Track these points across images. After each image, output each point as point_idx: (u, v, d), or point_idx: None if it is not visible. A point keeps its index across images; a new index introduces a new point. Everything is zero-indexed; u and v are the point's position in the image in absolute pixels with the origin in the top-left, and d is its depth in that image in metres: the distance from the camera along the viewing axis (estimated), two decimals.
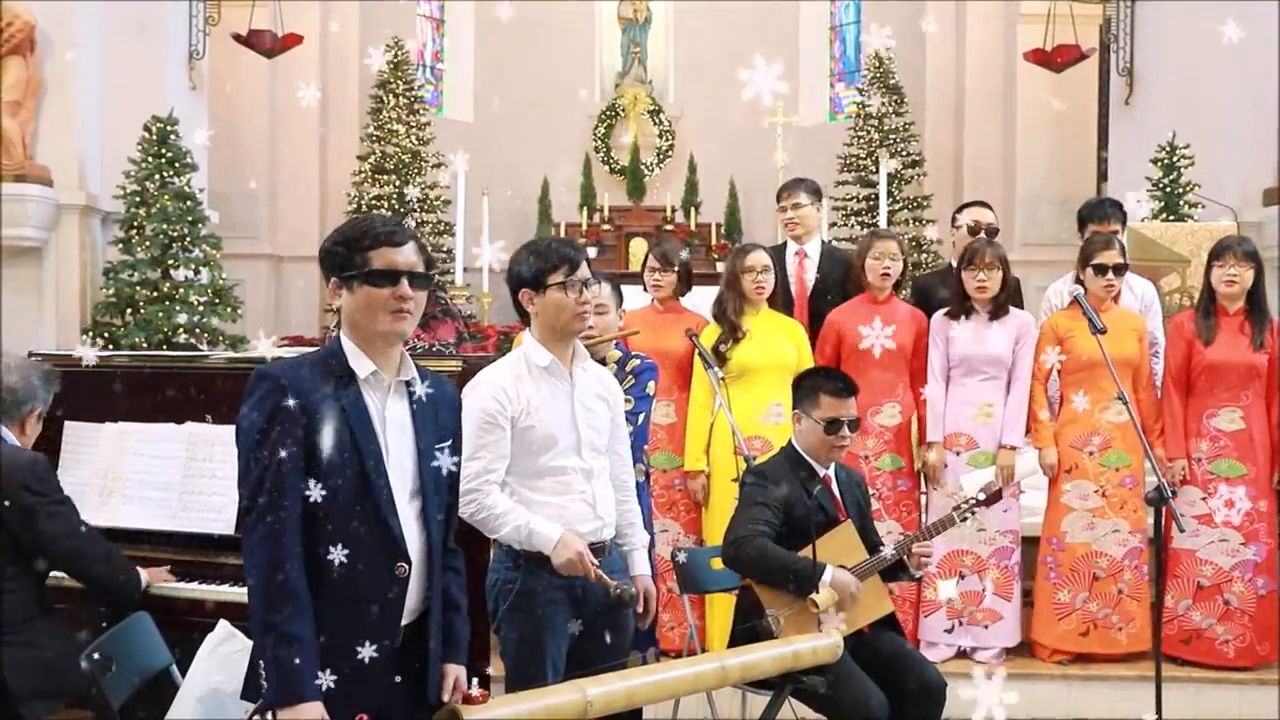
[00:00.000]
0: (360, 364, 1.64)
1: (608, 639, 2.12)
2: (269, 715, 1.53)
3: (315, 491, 1.58)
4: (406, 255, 1.64)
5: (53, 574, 2.41)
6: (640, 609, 2.22)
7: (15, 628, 2.29)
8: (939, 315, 3.41)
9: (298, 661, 1.51)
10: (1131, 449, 3.34)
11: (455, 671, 1.74)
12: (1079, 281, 3.36)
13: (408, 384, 1.69)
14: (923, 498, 3.49)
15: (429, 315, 3.18)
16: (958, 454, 3.35)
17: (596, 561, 2.01)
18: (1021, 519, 3.48)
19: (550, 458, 2.06)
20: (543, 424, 2.06)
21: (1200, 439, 3.33)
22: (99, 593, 2.40)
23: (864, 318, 3.39)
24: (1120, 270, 3.32)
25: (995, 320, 3.33)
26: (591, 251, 8.17)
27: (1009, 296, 3.35)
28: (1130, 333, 3.31)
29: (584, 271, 2.07)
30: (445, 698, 1.71)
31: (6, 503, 2.27)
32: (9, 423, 2.42)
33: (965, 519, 2.51)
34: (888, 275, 3.35)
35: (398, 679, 1.65)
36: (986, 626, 3.39)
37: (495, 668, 2.27)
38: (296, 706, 1.50)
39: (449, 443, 1.73)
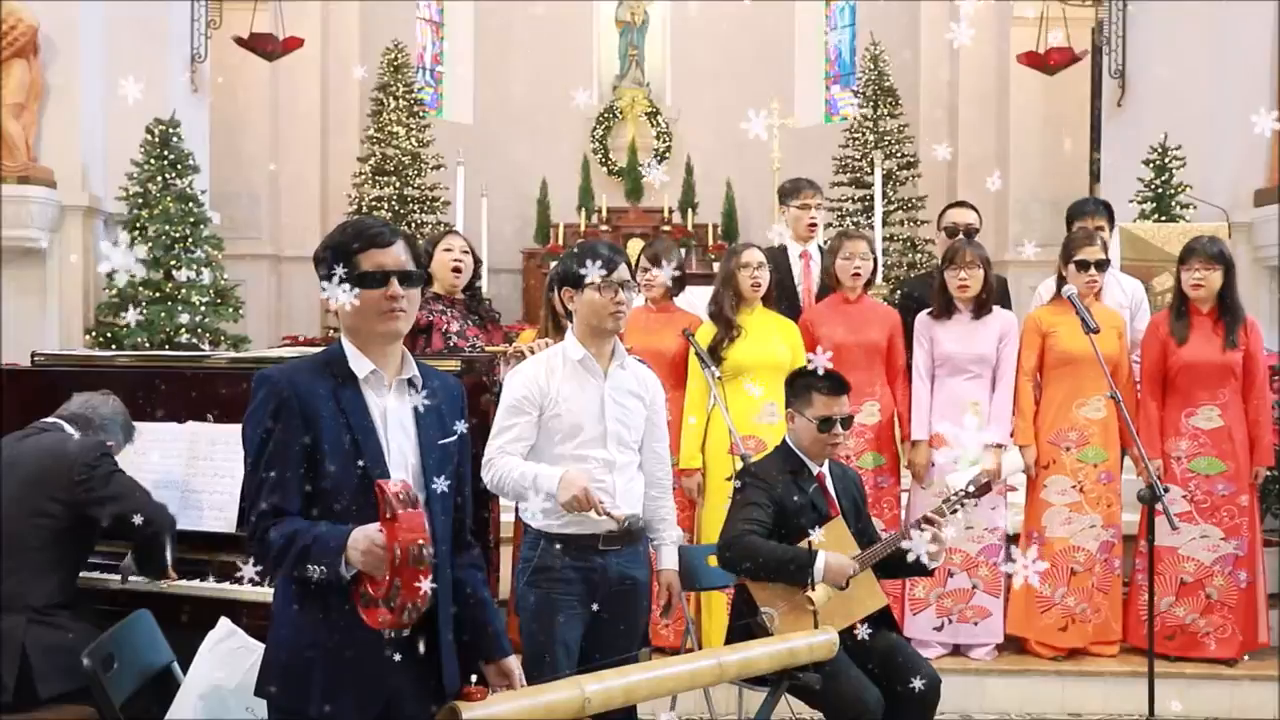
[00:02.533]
0: (360, 364, 1.67)
1: (621, 623, 2.20)
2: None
3: (316, 490, 1.61)
4: (395, 255, 1.66)
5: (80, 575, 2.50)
6: (663, 602, 2.32)
7: (44, 609, 2.37)
8: (923, 315, 3.44)
9: (321, 535, 1.53)
10: (1108, 445, 3.38)
11: (505, 667, 1.77)
12: (1061, 278, 3.40)
13: (409, 382, 1.72)
14: (903, 495, 3.52)
15: (486, 319, 3.28)
16: (943, 452, 3.38)
17: (601, 500, 2.07)
18: (1009, 516, 3.52)
19: (574, 446, 2.17)
20: (569, 414, 2.18)
21: (1180, 438, 3.38)
22: (151, 544, 2.47)
23: (837, 317, 3.42)
24: (1102, 266, 3.35)
25: (978, 319, 3.36)
26: None
27: (991, 295, 3.38)
28: (1111, 330, 3.34)
29: (621, 273, 2.19)
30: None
31: (68, 478, 2.40)
32: (81, 438, 2.54)
33: (955, 511, 2.53)
34: (858, 275, 3.38)
35: (407, 669, 1.67)
36: (976, 624, 3.42)
37: None
38: (351, 541, 1.49)
39: (454, 437, 1.76)
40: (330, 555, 1.53)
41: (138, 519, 2.41)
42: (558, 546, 2.17)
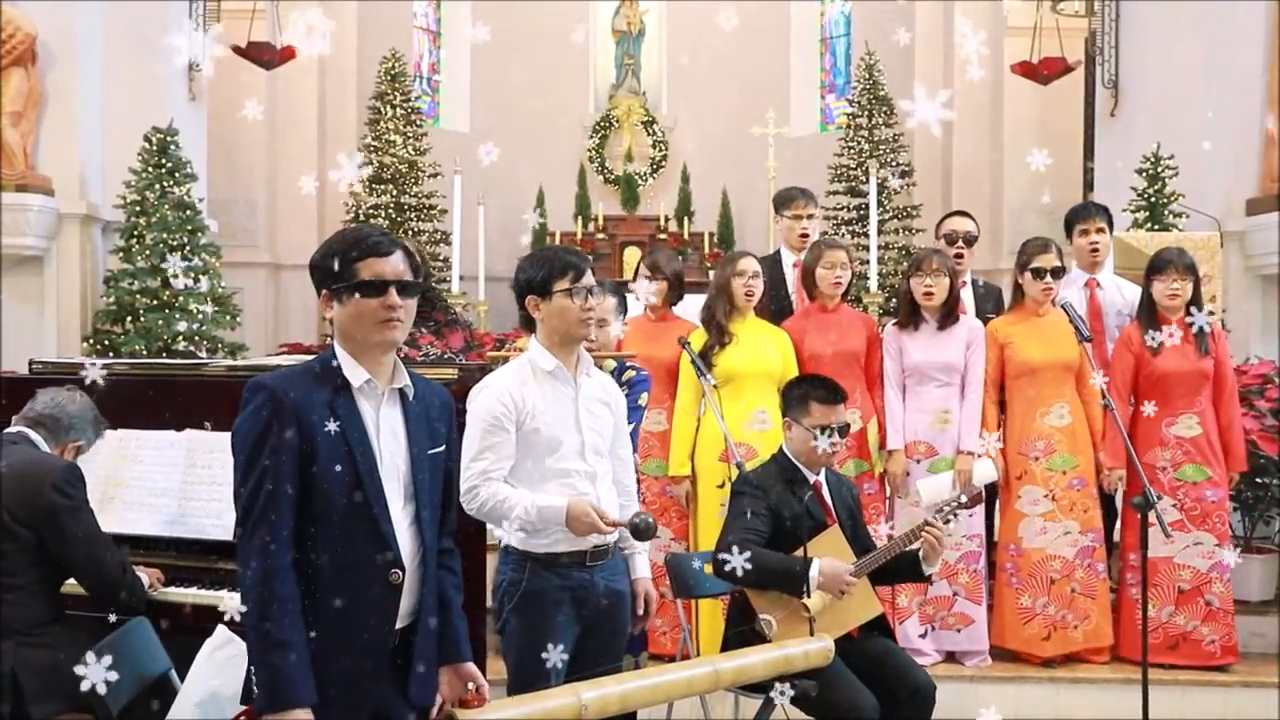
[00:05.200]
0: (354, 373, 1.66)
1: (608, 639, 2.18)
2: None
3: (309, 498, 1.61)
4: (394, 264, 1.66)
5: (68, 581, 2.46)
6: (640, 612, 2.27)
7: (31, 630, 2.34)
8: (890, 326, 3.48)
9: (288, 668, 1.54)
10: (1076, 450, 3.40)
11: (464, 672, 1.75)
12: (1017, 286, 3.43)
13: (401, 391, 1.72)
14: (888, 502, 3.53)
15: (441, 323, 3.24)
16: (918, 461, 3.40)
17: (606, 513, 2.06)
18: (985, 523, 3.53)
19: (555, 460, 2.12)
20: (547, 427, 2.12)
21: (1163, 447, 3.39)
22: (105, 598, 2.44)
23: (816, 326, 3.44)
24: (1058, 274, 3.37)
25: (945, 329, 3.39)
26: None
27: (957, 304, 3.39)
28: (1070, 338, 3.33)
29: (589, 279, 2.14)
30: (452, 696, 1.73)
31: (35, 504, 2.34)
32: (51, 443, 2.50)
33: (948, 521, 2.55)
34: (839, 284, 3.41)
35: (392, 681, 1.68)
36: (959, 630, 3.44)
37: (492, 671, 2.30)
38: (286, 713, 1.52)
39: (443, 448, 1.76)
40: (270, 689, 1.52)
41: (92, 572, 2.38)
42: (544, 567, 2.11)
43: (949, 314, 3.38)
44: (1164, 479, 3.38)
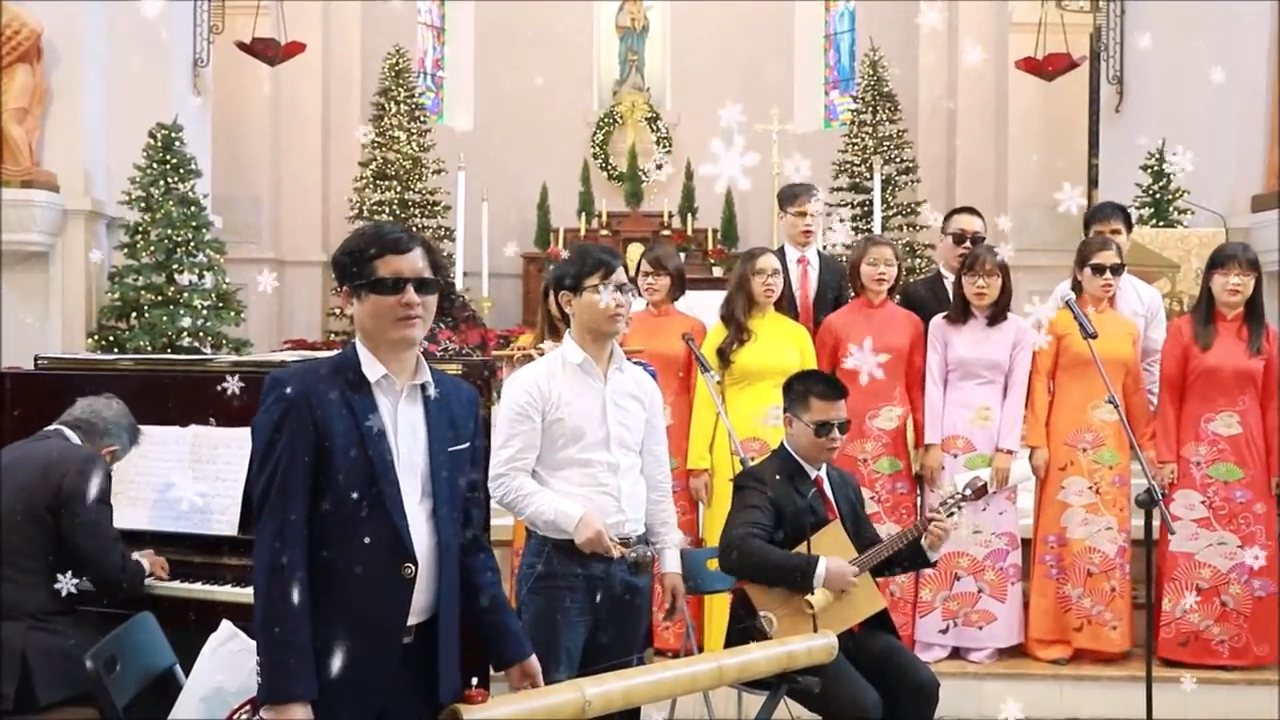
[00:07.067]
0: (372, 369, 1.67)
1: (623, 630, 2.21)
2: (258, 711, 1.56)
3: (325, 492, 1.61)
4: (412, 262, 1.66)
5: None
6: (668, 605, 2.34)
7: (44, 616, 2.38)
8: (938, 319, 3.45)
9: (291, 662, 1.55)
10: (1121, 448, 3.38)
11: (529, 667, 1.79)
12: (1076, 282, 3.42)
13: (422, 388, 1.72)
14: (916, 500, 3.53)
15: (459, 320, 3.29)
16: (955, 456, 3.39)
17: (616, 539, 2.13)
18: (1019, 521, 3.52)
19: (577, 450, 2.18)
20: (571, 417, 2.18)
21: (1198, 443, 3.34)
22: (104, 590, 2.47)
23: (860, 322, 3.43)
24: (1117, 270, 3.36)
25: (994, 326, 3.38)
26: None
27: (1008, 303, 3.39)
28: (1125, 335, 3.35)
29: (619, 276, 2.20)
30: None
31: (59, 486, 2.39)
32: (86, 444, 2.54)
33: (951, 514, 2.54)
34: (883, 280, 3.40)
35: (406, 678, 1.68)
36: (981, 628, 3.42)
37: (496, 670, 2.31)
38: (284, 706, 1.53)
39: (467, 445, 1.76)
40: (271, 680, 1.54)
41: (94, 563, 2.41)
42: (563, 554, 2.17)
43: (999, 312, 3.37)
44: (1196, 474, 3.34)
